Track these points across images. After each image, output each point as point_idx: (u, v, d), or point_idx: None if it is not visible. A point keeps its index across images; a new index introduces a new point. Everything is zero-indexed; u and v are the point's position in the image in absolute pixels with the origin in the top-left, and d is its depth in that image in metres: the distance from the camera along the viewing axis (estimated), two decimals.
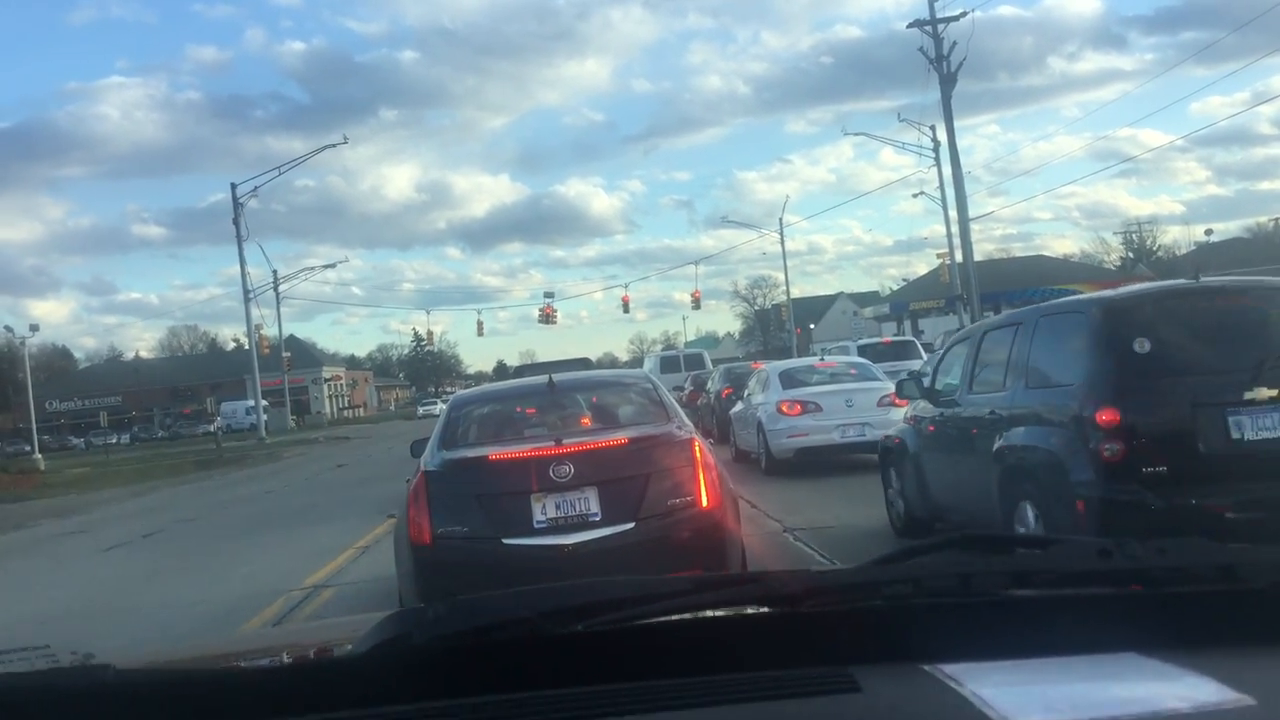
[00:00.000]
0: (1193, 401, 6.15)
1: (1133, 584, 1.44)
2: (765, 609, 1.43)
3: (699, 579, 1.50)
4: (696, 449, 6.57)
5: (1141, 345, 6.35)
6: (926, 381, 9.09)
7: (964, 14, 34.91)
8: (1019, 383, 7.23)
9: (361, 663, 1.36)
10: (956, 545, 1.62)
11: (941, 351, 9.83)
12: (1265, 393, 6.06)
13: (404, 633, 1.36)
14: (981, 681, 1.17)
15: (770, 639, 1.39)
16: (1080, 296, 8.29)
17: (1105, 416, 6.16)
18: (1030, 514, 6.78)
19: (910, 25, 36.06)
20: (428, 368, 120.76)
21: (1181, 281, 7.12)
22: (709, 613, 1.42)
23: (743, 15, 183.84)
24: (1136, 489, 6.01)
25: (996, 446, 7.17)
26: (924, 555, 1.54)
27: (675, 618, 1.39)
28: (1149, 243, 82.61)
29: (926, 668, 1.25)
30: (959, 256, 39.21)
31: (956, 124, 36.21)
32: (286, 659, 1.71)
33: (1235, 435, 6.08)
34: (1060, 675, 1.26)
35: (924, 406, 8.98)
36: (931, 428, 8.75)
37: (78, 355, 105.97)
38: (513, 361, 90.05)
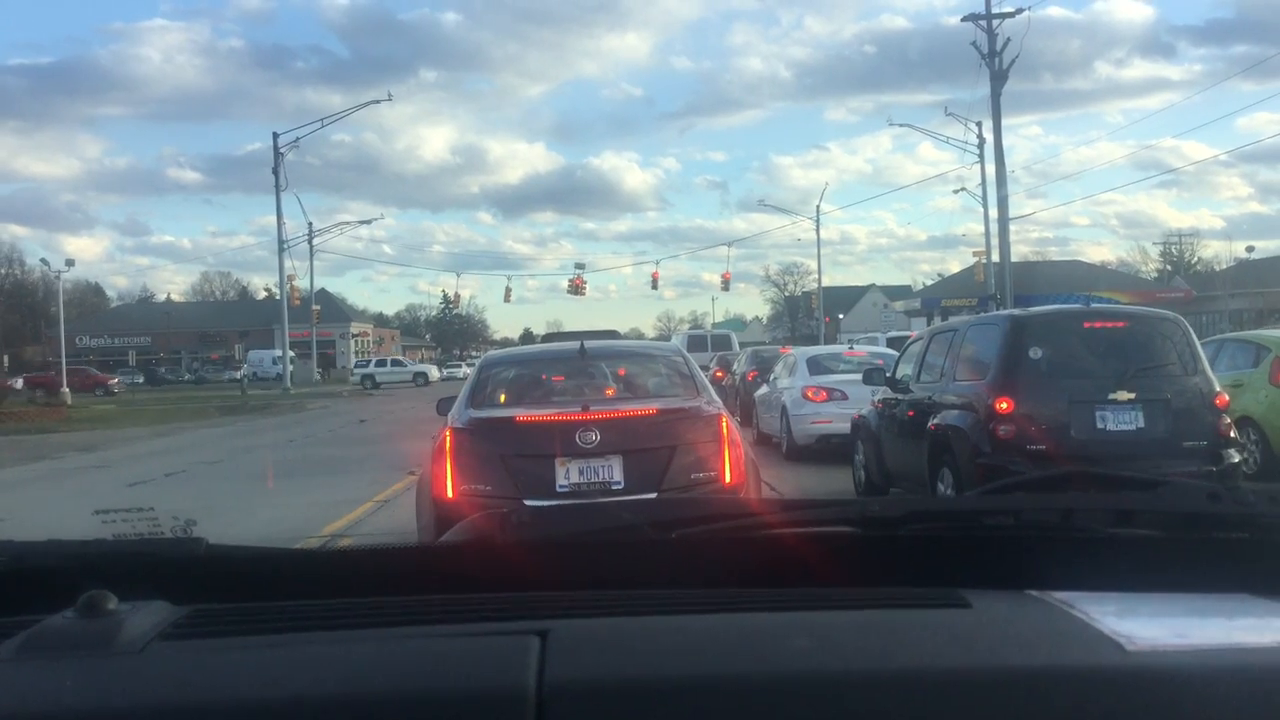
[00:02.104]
0: (1070, 398, 7.92)
1: (1241, 529, 1.41)
2: (863, 530, 1.41)
3: (796, 500, 1.48)
4: (724, 425, 6.55)
5: (1035, 352, 8.08)
6: (889, 372, 10.74)
7: (1020, 11, 34.41)
8: (950, 376, 8.95)
9: (455, 551, 1.38)
10: (1063, 480, 1.64)
11: (904, 348, 11.45)
12: (1125, 395, 7.86)
13: (501, 528, 1.38)
14: (1095, 607, 1.13)
15: (869, 559, 1.37)
16: (999, 313, 10.04)
17: (1002, 404, 7.88)
18: (948, 479, 8.36)
19: (964, 19, 35.53)
20: (454, 330, 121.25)
21: (1075, 306, 9.31)
22: (805, 530, 1.40)
23: None
24: (1021, 461, 7.61)
25: (929, 425, 8.82)
26: (1029, 489, 1.50)
27: (770, 532, 1.39)
28: (1188, 256, 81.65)
29: (1034, 593, 1.22)
30: (995, 256, 38.86)
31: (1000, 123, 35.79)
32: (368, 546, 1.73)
33: (1100, 426, 7.87)
34: (1176, 608, 1.23)
35: (886, 392, 10.57)
36: (888, 410, 10.38)
37: (110, 294, 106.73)
38: (539, 330, 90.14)
